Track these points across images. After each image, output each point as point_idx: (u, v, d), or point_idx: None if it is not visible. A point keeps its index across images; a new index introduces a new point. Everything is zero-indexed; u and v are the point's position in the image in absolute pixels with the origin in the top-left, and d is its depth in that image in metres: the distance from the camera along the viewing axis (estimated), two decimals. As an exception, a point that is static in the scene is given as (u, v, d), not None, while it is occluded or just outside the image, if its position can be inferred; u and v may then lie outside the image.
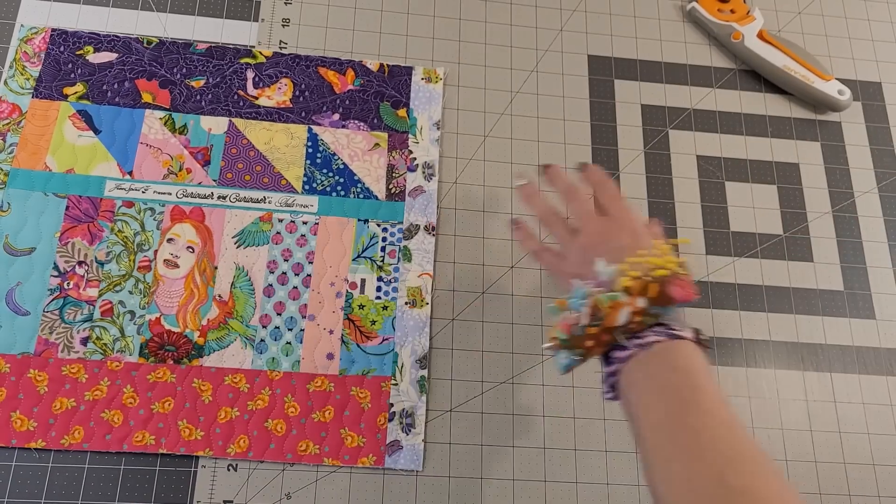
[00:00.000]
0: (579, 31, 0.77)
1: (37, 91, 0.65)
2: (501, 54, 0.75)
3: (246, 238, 0.64)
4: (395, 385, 0.61)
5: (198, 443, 0.57)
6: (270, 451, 0.58)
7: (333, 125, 0.68)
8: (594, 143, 0.72)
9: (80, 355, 0.59)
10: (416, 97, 0.70)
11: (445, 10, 0.75)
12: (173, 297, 0.61)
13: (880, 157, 0.75)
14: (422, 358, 0.62)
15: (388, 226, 0.66)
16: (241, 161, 0.66)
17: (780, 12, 0.81)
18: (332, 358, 0.61)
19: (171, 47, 0.69)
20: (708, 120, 0.75)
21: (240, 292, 0.62)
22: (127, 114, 0.66)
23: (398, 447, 0.59)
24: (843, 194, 0.73)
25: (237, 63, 0.69)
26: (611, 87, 0.75)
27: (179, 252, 0.62)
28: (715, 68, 0.77)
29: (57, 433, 0.56)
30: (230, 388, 0.59)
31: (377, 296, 0.63)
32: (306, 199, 0.65)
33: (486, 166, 0.70)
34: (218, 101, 0.67)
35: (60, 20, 0.69)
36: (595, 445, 0.62)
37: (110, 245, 0.62)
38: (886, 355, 0.67)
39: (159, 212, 0.63)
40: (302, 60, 0.70)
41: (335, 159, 0.67)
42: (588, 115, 0.73)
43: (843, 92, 0.75)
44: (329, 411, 0.60)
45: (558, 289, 0.66)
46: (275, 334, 0.61)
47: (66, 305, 0.60)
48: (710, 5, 0.78)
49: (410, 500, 0.58)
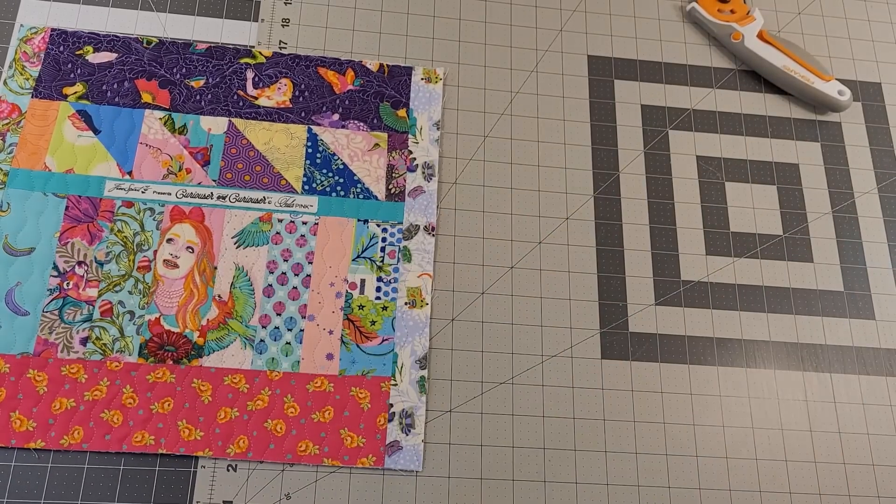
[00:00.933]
0: (579, 32, 0.77)
1: (36, 91, 0.65)
2: (501, 54, 0.75)
3: (245, 238, 0.64)
4: (395, 385, 0.61)
5: (197, 443, 0.57)
6: (270, 452, 0.58)
7: (333, 125, 0.68)
8: (594, 144, 0.72)
9: (80, 355, 0.58)
10: (416, 97, 0.70)
11: (445, 11, 0.75)
12: (173, 297, 0.61)
13: (880, 157, 0.75)
14: (421, 358, 0.62)
15: (387, 226, 0.66)
16: (241, 161, 0.66)
17: (780, 13, 0.81)
18: (332, 358, 0.61)
19: (171, 47, 0.69)
20: (708, 120, 0.75)
21: (239, 292, 0.62)
22: (126, 114, 0.66)
23: (398, 447, 0.59)
24: (843, 195, 0.73)
25: (237, 63, 0.69)
26: (610, 87, 0.75)
27: (179, 252, 0.62)
28: (715, 69, 0.77)
29: (56, 433, 0.56)
30: (230, 388, 0.59)
31: (377, 296, 0.63)
32: (306, 199, 0.65)
33: (486, 166, 0.70)
34: (217, 102, 0.67)
35: (60, 20, 0.69)
36: (595, 446, 0.62)
37: (110, 245, 0.62)
38: (886, 356, 0.67)
39: (159, 212, 0.63)
40: (302, 61, 0.70)
41: (335, 159, 0.67)
42: (588, 116, 0.73)
43: (843, 92, 0.74)
44: (329, 411, 0.60)
45: (555, 289, 0.66)
46: (274, 334, 0.61)
47: (66, 305, 0.60)
48: (710, 6, 0.78)
49: (410, 501, 0.58)
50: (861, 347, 0.67)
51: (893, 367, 0.67)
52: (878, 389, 0.66)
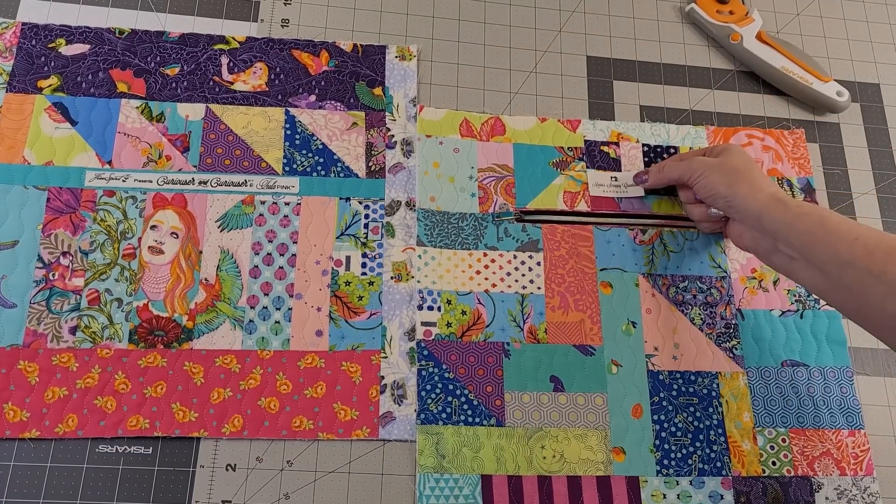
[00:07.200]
0: (578, 33, 0.77)
1: (10, 85, 0.65)
2: (501, 54, 0.75)
3: (229, 221, 0.64)
4: (385, 358, 0.62)
5: (192, 424, 0.58)
6: (265, 429, 0.59)
7: (310, 106, 0.69)
8: (593, 143, 0.73)
9: (70, 344, 0.59)
10: (391, 75, 0.71)
11: (444, 12, 0.76)
12: (160, 282, 0.61)
13: (879, 158, 0.75)
14: (410, 330, 0.63)
15: (369, 203, 0.66)
16: (220, 146, 0.66)
17: (778, 14, 0.81)
18: (321, 335, 0.62)
19: (144, 36, 0.69)
20: (707, 121, 0.75)
21: (226, 275, 0.62)
22: (103, 104, 0.66)
23: (391, 418, 0.60)
24: (842, 195, 0.73)
25: (211, 49, 0.69)
26: (610, 87, 0.75)
27: (163, 238, 0.63)
28: (713, 69, 0.77)
29: (51, 422, 0.57)
30: (221, 369, 0.60)
31: (363, 272, 0.64)
32: (287, 180, 0.66)
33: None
34: (194, 88, 0.68)
35: (60, 19, 0.69)
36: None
37: (93, 235, 0.62)
38: (884, 356, 0.68)
39: (141, 199, 0.63)
40: (276, 44, 0.70)
41: (314, 140, 0.68)
42: (587, 116, 0.73)
43: (841, 93, 0.74)
44: (321, 387, 0.60)
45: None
46: (263, 314, 0.62)
47: (53, 296, 0.60)
48: (709, 6, 0.78)
49: (409, 503, 0.59)
50: (860, 348, 0.68)
51: (891, 368, 0.67)
52: (876, 390, 0.66)
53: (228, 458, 0.58)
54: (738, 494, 0.61)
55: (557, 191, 0.69)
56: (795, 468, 0.62)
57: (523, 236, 0.67)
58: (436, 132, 0.69)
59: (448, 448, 0.59)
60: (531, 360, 0.63)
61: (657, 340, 0.65)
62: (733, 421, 0.63)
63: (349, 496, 0.58)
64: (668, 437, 0.62)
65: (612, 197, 0.69)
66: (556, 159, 0.70)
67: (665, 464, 0.61)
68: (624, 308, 0.65)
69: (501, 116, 0.71)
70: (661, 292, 0.66)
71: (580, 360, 0.63)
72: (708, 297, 0.67)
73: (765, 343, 0.66)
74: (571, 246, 0.67)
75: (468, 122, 0.70)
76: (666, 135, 0.73)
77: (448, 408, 0.61)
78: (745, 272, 0.68)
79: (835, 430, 0.64)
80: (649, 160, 0.71)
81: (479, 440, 0.60)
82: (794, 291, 0.68)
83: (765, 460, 0.62)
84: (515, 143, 0.70)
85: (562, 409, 0.62)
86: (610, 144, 0.71)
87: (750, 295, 0.67)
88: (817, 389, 0.65)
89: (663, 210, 0.70)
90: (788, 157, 0.73)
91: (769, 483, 0.61)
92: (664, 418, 0.62)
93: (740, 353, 0.65)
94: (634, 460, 0.61)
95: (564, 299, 0.65)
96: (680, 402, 0.63)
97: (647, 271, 0.67)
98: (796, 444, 0.63)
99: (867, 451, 0.63)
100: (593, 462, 0.60)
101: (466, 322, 0.63)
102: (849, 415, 0.64)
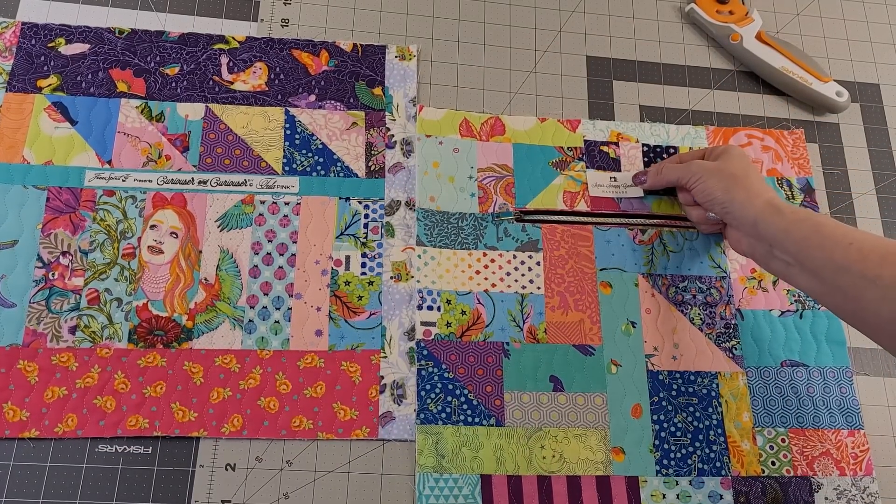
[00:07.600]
0: (578, 33, 0.77)
1: (10, 85, 0.65)
2: (500, 54, 0.75)
3: (229, 221, 0.64)
4: (385, 358, 0.62)
5: (192, 424, 0.58)
6: (265, 429, 0.59)
7: (310, 106, 0.69)
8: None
9: (70, 344, 0.59)
10: (391, 75, 0.71)
11: (444, 12, 0.76)
12: (159, 282, 0.61)
13: (878, 158, 0.75)
14: (409, 330, 0.63)
15: (369, 202, 0.66)
16: (220, 146, 0.66)
17: (778, 14, 0.81)
18: (321, 334, 0.62)
19: (144, 36, 0.69)
20: (706, 121, 0.75)
21: (225, 274, 0.62)
22: (103, 104, 0.66)
23: (391, 418, 0.60)
24: (841, 196, 0.73)
25: (210, 49, 0.69)
26: (609, 87, 0.75)
27: (163, 238, 0.63)
28: (713, 69, 0.77)
29: (50, 422, 0.57)
30: (221, 368, 0.60)
31: (362, 272, 0.64)
32: (287, 180, 0.66)
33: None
34: (193, 88, 0.68)
35: (60, 19, 0.69)
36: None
37: (93, 234, 0.62)
38: (884, 356, 0.68)
39: (141, 199, 0.63)
40: (275, 44, 0.70)
41: (314, 140, 0.68)
42: (587, 116, 0.73)
43: (841, 93, 0.74)
44: (320, 386, 0.60)
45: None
46: (263, 314, 0.62)
47: (53, 296, 0.60)
48: (709, 6, 0.78)
49: (408, 502, 0.59)
50: (859, 348, 0.68)
51: (891, 368, 0.67)
52: (875, 390, 0.66)
53: (228, 458, 0.58)
54: (737, 494, 0.61)
55: (557, 191, 0.69)
56: (795, 468, 0.62)
57: (523, 236, 0.67)
58: (435, 132, 0.69)
59: (448, 448, 0.59)
60: (531, 360, 0.63)
61: (657, 340, 0.65)
62: (733, 421, 0.63)
63: (349, 496, 0.58)
64: (668, 437, 0.62)
65: (611, 197, 0.69)
66: (555, 159, 0.70)
67: (664, 464, 0.61)
68: (623, 308, 0.66)
69: (501, 116, 0.71)
70: (660, 292, 0.66)
71: (580, 360, 0.63)
72: (707, 297, 0.67)
73: (764, 343, 0.66)
74: (571, 246, 0.67)
75: (468, 121, 0.70)
76: (666, 135, 0.73)
77: (448, 408, 0.61)
78: (744, 272, 0.68)
79: (834, 431, 0.64)
80: (649, 160, 0.71)
81: (478, 440, 0.60)
82: (794, 292, 0.68)
83: (764, 460, 0.62)
84: (515, 142, 0.70)
85: (561, 408, 0.62)
86: (610, 144, 0.72)
87: (749, 295, 0.67)
88: (817, 389, 0.65)
89: (663, 210, 0.70)
90: (788, 157, 0.73)
91: (769, 483, 0.62)
92: (664, 418, 0.62)
93: (740, 353, 0.65)
94: (634, 460, 0.61)
95: (564, 299, 0.65)
96: (679, 402, 0.63)
97: (647, 271, 0.67)
98: (796, 444, 0.63)
99: (867, 451, 0.63)
100: (593, 462, 0.61)
101: (466, 322, 0.63)
102: (848, 415, 0.64)
